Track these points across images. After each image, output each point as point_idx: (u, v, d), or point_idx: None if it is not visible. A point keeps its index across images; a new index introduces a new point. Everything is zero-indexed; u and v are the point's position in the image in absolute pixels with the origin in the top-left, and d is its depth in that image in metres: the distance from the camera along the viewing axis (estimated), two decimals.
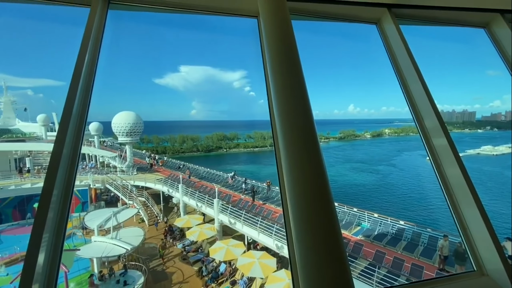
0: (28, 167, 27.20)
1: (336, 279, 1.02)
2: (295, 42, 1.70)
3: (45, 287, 1.16)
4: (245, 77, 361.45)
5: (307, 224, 1.14)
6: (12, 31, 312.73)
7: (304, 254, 1.11)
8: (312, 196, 1.18)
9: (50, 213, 1.21)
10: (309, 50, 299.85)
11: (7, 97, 38.99)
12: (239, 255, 14.73)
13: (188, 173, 26.55)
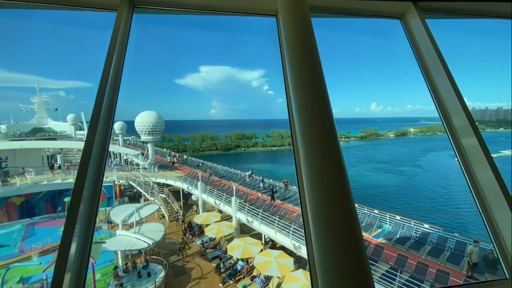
0: (59, 164, 29.08)
1: (357, 282, 1.00)
2: (315, 40, 1.68)
3: (76, 275, 1.24)
4: (263, 76, 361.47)
5: (326, 225, 1.12)
6: (47, 36, 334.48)
7: (323, 255, 1.09)
8: (332, 196, 1.16)
9: (82, 206, 1.30)
10: (329, 47, 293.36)
11: (40, 98, 41.84)
12: (256, 253, 14.81)
13: (209, 172, 26.96)
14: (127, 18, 2.11)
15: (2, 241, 14.83)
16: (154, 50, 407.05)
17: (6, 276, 12.46)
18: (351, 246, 1.06)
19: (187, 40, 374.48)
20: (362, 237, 1.11)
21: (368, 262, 1.06)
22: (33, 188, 23.76)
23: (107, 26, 2.18)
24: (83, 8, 2.29)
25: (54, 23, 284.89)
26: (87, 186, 1.38)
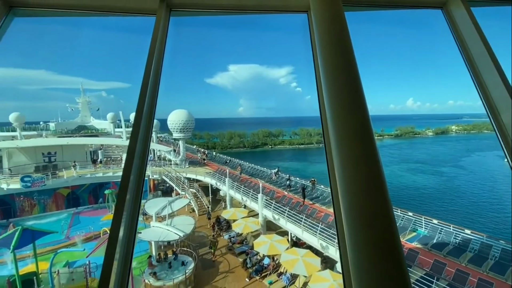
0: (100, 159, 31.59)
1: (394, 285, 0.97)
2: (349, 35, 1.65)
3: (123, 257, 1.37)
4: (291, 73, 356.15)
5: (361, 225, 1.10)
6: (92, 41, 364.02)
7: (358, 256, 1.07)
8: (368, 195, 1.14)
9: (128, 196, 1.44)
10: (362, 41, 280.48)
11: (84, 98, 45.58)
12: (283, 251, 14.82)
13: (239, 169, 27.17)
14: (165, 22, 2.24)
15: (52, 227, 16.54)
16: (186, 51, 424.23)
17: (54, 260, 13.92)
18: (388, 248, 1.03)
19: (217, 40, 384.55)
20: (399, 239, 1.07)
21: (405, 264, 1.03)
22: (78, 180, 26.15)
23: (145, 30, 2.34)
24: (125, 14, 2.48)
25: (98, 29, 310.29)
26: (132, 178, 1.52)
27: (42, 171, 26.05)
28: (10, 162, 26.53)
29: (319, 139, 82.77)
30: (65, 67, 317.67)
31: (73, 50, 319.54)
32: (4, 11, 2.24)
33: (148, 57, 1.99)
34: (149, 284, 13.64)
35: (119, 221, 1.35)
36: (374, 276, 1.00)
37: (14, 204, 23.47)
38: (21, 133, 30.78)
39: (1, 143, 28.98)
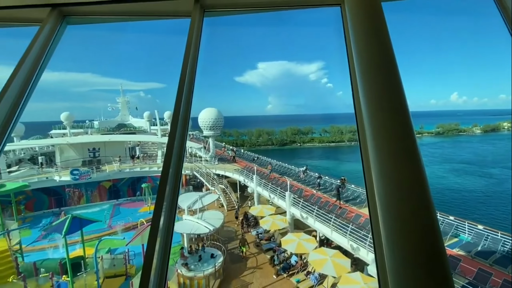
0: (137, 154, 33.79)
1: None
2: (386, 27, 1.57)
3: (163, 243, 1.48)
4: (322, 68, 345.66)
5: (401, 230, 1.03)
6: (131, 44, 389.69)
7: (397, 263, 1.02)
8: (408, 198, 1.07)
9: (167, 188, 1.54)
10: (402, 32, 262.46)
11: (123, 98, 49.03)
12: (311, 250, 14.61)
13: (269, 168, 26.88)
14: (199, 23, 2.33)
15: (96, 217, 18.08)
16: (216, 50, 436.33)
17: (98, 247, 15.23)
18: (431, 253, 0.97)
19: (246, 38, 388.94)
20: (443, 244, 1.00)
21: (450, 271, 0.96)
22: (118, 174, 28.28)
23: (181, 31, 2.45)
24: (162, 17, 2.61)
25: (137, 33, 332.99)
26: (170, 173, 1.62)
27: (88, 165, 28.64)
28: (62, 157, 29.58)
29: (351, 137, 79.50)
30: (108, 69, 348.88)
31: (115, 53, 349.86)
32: (59, 20, 2.50)
33: (184, 58, 2.08)
34: (181, 274, 14.34)
35: (159, 212, 1.45)
36: (415, 283, 0.95)
37: (64, 194, 26.15)
38: (70, 131, 34.04)
39: (55, 140, 32.40)
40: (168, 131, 25.20)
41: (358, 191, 19.94)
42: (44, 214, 24.54)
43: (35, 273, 13.81)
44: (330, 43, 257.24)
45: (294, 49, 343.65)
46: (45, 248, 18.23)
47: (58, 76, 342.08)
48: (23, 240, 16.29)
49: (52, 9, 2.44)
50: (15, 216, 16.81)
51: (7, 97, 1.98)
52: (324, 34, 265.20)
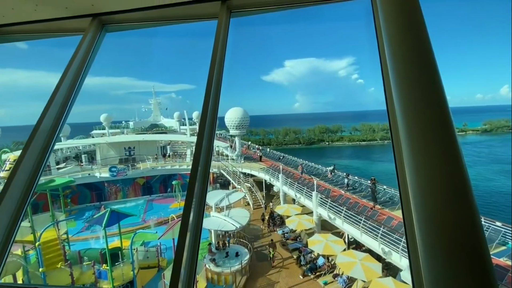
0: (168, 153, 35.40)
1: None
2: (422, 16, 1.46)
3: (193, 238, 1.54)
4: (352, 64, 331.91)
5: (440, 235, 0.94)
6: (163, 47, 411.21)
7: (435, 272, 0.93)
8: (448, 201, 0.98)
9: (196, 185, 1.60)
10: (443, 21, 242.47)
11: (155, 100, 51.64)
12: (339, 251, 14.20)
13: (300, 169, 25.64)
14: (226, 24, 2.37)
15: (132, 211, 19.26)
16: (242, 50, 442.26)
17: (133, 239, 16.23)
18: (474, 261, 0.88)
19: (272, 36, 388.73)
20: (488, 252, 0.91)
21: (496, 281, 0.87)
22: (151, 172, 29.90)
23: (206, 33, 2.52)
24: (191, 20, 2.70)
25: (168, 37, 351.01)
26: (199, 170, 1.68)
27: (124, 163, 30.69)
28: (102, 155, 32.03)
29: (384, 135, 75.38)
30: (142, 73, 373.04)
31: (148, 58, 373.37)
32: (99, 28, 2.70)
33: (212, 59, 2.14)
34: (209, 269, 14.79)
35: (189, 208, 1.51)
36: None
37: (104, 189, 28.30)
38: (109, 131, 36.67)
39: (95, 140, 35.15)
40: (196, 131, 26.22)
41: (390, 192, 18.91)
42: (87, 207, 26.81)
43: (79, 260, 15.15)
44: (361, 37, 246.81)
45: (322, 46, 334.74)
46: (88, 239, 19.92)
47: (99, 80, 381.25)
48: (69, 231, 17.94)
49: (93, 18, 2.65)
50: (63, 208, 18.56)
51: (56, 101, 2.19)
52: (354, 28, 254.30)
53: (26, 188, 1.89)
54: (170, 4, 2.37)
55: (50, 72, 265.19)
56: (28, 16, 2.66)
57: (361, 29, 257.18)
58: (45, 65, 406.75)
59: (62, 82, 2.27)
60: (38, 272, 13.24)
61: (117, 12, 2.56)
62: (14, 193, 1.83)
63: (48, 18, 2.68)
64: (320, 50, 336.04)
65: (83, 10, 2.60)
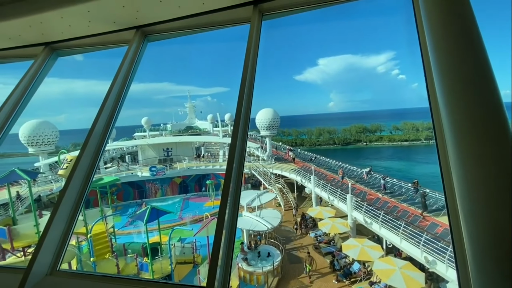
0: (203, 154, 36.81)
1: None
2: (469, 3, 1.34)
3: (228, 235, 1.60)
4: (392, 59, 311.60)
5: (493, 245, 0.86)
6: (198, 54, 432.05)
7: (487, 285, 0.87)
8: (502, 208, 0.90)
9: (231, 183, 1.67)
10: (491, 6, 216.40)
11: (190, 103, 54.14)
12: (376, 258, 13.44)
13: (341, 173, 23.62)
14: (258, 27, 2.42)
15: (169, 208, 20.34)
16: (274, 50, 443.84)
17: (171, 235, 17.17)
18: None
19: (304, 35, 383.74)
20: None
21: None
22: (187, 171, 31.36)
23: (239, 37, 2.59)
24: (224, 26, 2.80)
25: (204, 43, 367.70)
26: (233, 170, 1.74)
27: (162, 163, 32.64)
28: (143, 156, 34.48)
29: (429, 135, 69.31)
30: (181, 78, 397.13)
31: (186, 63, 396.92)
32: (142, 39, 2.94)
33: (245, 62, 2.20)
34: (241, 268, 15.03)
35: (224, 207, 1.58)
36: None
37: (145, 187, 30.39)
38: (149, 133, 39.31)
39: (138, 141, 37.94)
40: (228, 132, 26.85)
41: (435, 196, 17.38)
42: (130, 204, 29.01)
43: (124, 253, 16.46)
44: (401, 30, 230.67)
45: (358, 41, 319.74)
46: (131, 233, 21.54)
47: (143, 86, 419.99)
48: (115, 225, 19.58)
49: (137, 30, 2.89)
50: (110, 204, 20.34)
51: (106, 107, 2.44)
52: (393, 21, 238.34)
53: (83, 184, 2.14)
54: (205, 12, 2.48)
55: (102, 80, 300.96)
56: (82, 31, 2.99)
57: (400, 21, 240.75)
58: (97, 74, 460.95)
59: (111, 89, 2.51)
60: (89, 262, 14.68)
61: (158, 23, 2.77)
62: (74, 188, 2.08)
63: (99, 32, 2.99)
64: (356, 46, 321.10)
65: (128, 23, 2.85)
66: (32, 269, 1.73)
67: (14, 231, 14.11)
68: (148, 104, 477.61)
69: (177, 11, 2.50)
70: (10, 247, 14.17)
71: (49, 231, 1.89)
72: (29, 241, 14.52)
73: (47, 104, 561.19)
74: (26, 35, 2.99)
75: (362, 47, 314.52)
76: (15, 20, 2.52)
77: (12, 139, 16.32)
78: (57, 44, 3.19)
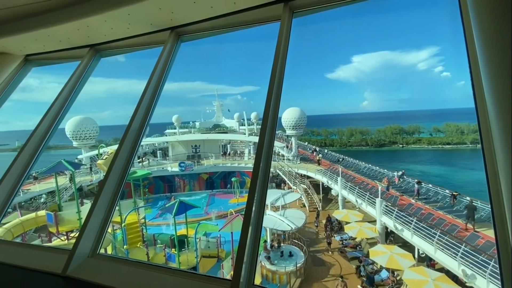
0: (229, 151, 37.52)
1: None
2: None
3: (254, 232, 1.62)
4: (435, 55, 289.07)
5: None
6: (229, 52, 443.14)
7: None
8: None
9: (258, 182, 1.69)
10: None
11: (218, 102, 55.39)
12: (406, 267, 12.68)
13: (386, 182, 21.02)
14: (288, 25, 2.40)
15: (196, 203, 21.05)
16: (305, 48, 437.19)
17: (197, 229, 17.78)
18: None
19: (337, 32, 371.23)
20: None
21: None
22: (213, 168, 32.21)
23: (269, 36, 2.59)
24: (254, 24, 2.82)
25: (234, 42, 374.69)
26: (261, 168, 1.76)
27: (191, 159, 33.86)
28: (173, 152, 36.07)
29: (476, 138, 63.56)
30: (213, 77, 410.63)
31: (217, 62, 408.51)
32: (175, 39, 3.07)
33: (274, 60, 2.20)
34: (264, 266, 15.09)
35: (251, 204, 1.61)
36: None
37: (174, 182, 31.79)
38: (179, 130, 40.99)
39: (168, 138, 39.76)
40: (253, 131, 27.07)
41: (476, 205, 15.92)
42: (160, 197, 30.52)
43: (153, 243, 17.39)
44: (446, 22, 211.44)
45: (396, 37, 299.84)
46: (161, 225, 22.67)
47: (177, 85, 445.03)
48: (146, 216, 20.76)
49: (171, 31, 3.02)
50: (142, 196, 21.64)
51: (142, 105, 2.59)
52: (436, 14, 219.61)
53: (120, 176, 2.30)
54: (236, 11, 2.52)
55: (141, 80, 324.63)
56: (122, 33, 3.20)
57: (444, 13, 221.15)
58: (136, 74, 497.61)
59: (147, 88, 2.67)
60: (123, 249, 15.73)
61: (191, 23, 2.87)
62: (113, 180, 2.24)
63: (137, 34, 3.18)
64: (393, 42, 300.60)
65: (163, 25, 2.99)
66: (76, 251, 1.91)
67: (59, 217, 15.60)
68: (181, 103, 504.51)
69: (209, 11, 2.57)
70: (56, 231, 15.71)
71: (91, 218, 2.06)
72: (71, 226, 15.98)
73: (94, 101, 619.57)
74: (74, 38, 3.27)
75: (401, 43, 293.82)
76: (66, 24, 2.78)
77: (61, 132, 17.98)
78: (100, 46, 3.46)
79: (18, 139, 41.28)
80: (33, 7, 2.78)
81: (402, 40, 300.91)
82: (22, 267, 1.94)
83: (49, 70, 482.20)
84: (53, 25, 2.84)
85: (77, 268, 1.86)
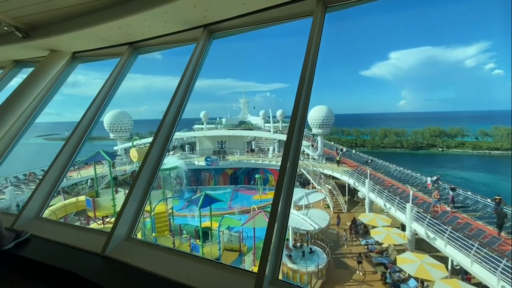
0: (253, 148, 37.81)
1: None
2: None
3: (280, 228, 1.64)
4: (485, 50, 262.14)
5: None
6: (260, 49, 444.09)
7: None
8: None
9: (285, 179, 1.69)
10: None
11: (244, 99, 55.92)
12: (438, 278, 11.89)
13: (437, 196, 17.59)
14: (321, 20, 2.35)
15: (221, 197, 21.53)
16: (338, 44, 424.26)
17: (221, 223, 18.21)
18: None
19: (372, 28, 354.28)
20: None
21: None
22: (237, 164, 32.70)
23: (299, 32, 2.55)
24: (286, 20, 2.80)
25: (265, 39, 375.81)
26: (288, 165, 1.76)
27: (217, 155, 34.71)
28: (201, 147, 37.23)
29: None
30: (243, 74, 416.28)
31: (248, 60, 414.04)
32: (208, 37, 3.15)
33: (305, 56, 2.17)
34: (285, 264, 15.06)
35: (277, 201, 1.61)
36: None
37: (200, 175, 32.82)
38: (206, 126, 42.16)
39: (196, 133, 41.07)
40: (278, 128, 27.06)
41: (507, 212, 14.39)
42: (187, 189, 31.76)
43: (179, 233, 18.16)
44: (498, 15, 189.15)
45: (441, 31, 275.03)
46: (187, 216, 23.61)
47: (209, 82, 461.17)
48: (174, 207, 21.73)
49: (204, 28, 3.11)
50: (171, 188, 22.62)
51: (175, 100, 2.70)
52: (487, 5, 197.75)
53: (154, 167, 2.44)
54: (268, 7, 2.52)
55: (175, 76, 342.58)
56: (159, 31, 3.35)
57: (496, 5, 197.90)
58: (171, 70, 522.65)
59: (180, 85, 2.78)
60: (151, 236, 16.65)
61: (223, 20, 2.92)
62: (147, 170, 2.39)
63: (172, 31, 3.31)
64: (437, 36, 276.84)
65: (197, 22, 3.08)
66: (114, 233, 2.07)
67: (97, 203, 16.92)
68: (212, 99, 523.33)
69: (241, 8, 2.59)
70: (93, 215, 17.07)
71: (127, 205, 2.22)
72: (106, 212, 17.26)
73: (132, 96, 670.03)
74: (116, 36, 3.50)
75: (447, 38, 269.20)
76: (109, 23, 2.98)
77: (100, 125, 19.19)
78: (138, 43, 3.66)
79: (67, 130, 46.47)
80: (80, 7, 3.03)
81: (447, 35, 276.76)
82: (66, 245, 2.15)
83: (95, 67, 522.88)
84: (98, 24, 3.06)
85: (114, 249, 2.02)
